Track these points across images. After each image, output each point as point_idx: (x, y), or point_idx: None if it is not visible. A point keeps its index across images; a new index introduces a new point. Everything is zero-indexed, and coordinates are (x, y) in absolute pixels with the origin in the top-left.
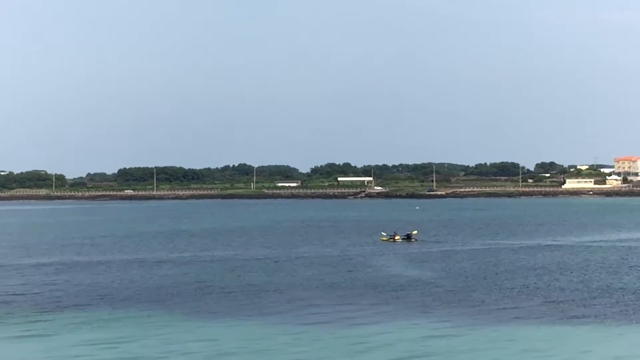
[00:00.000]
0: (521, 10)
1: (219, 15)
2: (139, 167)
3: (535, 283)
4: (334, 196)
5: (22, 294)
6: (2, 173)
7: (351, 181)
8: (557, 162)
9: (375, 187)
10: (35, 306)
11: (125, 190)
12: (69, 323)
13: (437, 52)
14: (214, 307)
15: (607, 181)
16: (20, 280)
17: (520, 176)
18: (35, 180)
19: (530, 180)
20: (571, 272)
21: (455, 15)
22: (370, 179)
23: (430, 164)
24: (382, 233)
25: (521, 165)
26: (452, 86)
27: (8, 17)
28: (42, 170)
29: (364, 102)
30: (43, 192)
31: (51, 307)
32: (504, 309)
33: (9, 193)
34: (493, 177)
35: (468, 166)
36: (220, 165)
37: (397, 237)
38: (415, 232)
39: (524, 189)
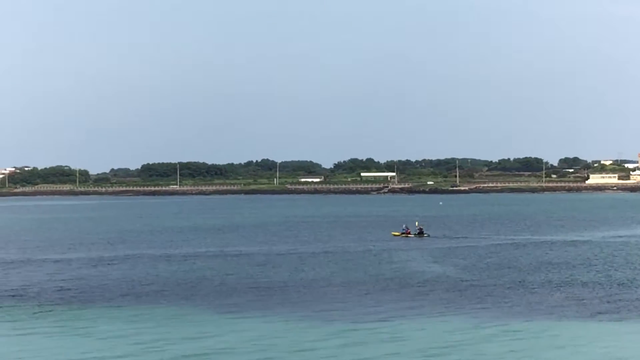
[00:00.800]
0: (548, 7)
1: (243, 10)
2: (162, 163)
3: (559, 278)
4: (357, 191)
5: (52, 288)
6: (26, 169)
7: (374, 176)
8: (581, 157)
9: (397, 183)
10: (62, 300)
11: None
12: (99, 317)
13: (458, 49)
14: (241, 302)
15: (631, 176)
16: (47, 274)
17: (544, 171)
18: (59, 175)
19: (553, 176)
20: (595, 268)
21: (478, 14)
22: (394, 174)
23: (453, 160)
24: (404, 226)
25: (545, 160)
26: (475, 82)
27: (33, 12)
28: (66, 166)
29: (386, 98)
30: (67, 187)
31: (79, 301)
32: (528, 304)
33: (33, 188)
34: (516, 173)
35: (491, 161)
36: (243, 160)
37: (409, 234)
38: (417, 222)
39: (547, 184)
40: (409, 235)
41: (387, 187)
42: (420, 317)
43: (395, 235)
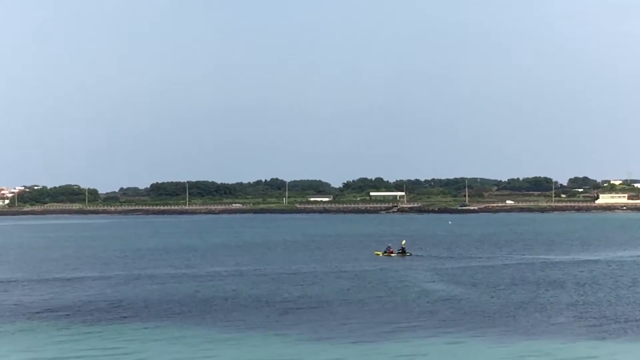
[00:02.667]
0: (559, 26)
1: (252, 29)
2: (171, 182)
3: (568, 298)
4: (366, 211)
5: (69, 307)
6: (36, 187)
7: (383, 196)
8: (591, 177)
9: (406, 203)
10: (78, 317)
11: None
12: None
13: (468, 68)
14: (252, 320)
15: None
16: (67, 292)
17: (553, 191)
18: (69, 194)
19: (563, 195)
20: (605, 287)
21: (489, 33)
22: (403, 193)
23: (463, 179)
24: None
25: (554, 180)
26: (484, 101)
27: (40, 27)
28: (75, 185)
29: (395, 117)
30: (76, 206)
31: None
32: (536, 323)
33: (42, 207)
34: (526, 192)
35: (501, 181)
36: (252, 179)
37: (392, 253)
38: (404, 242)
39: (556, 204)
40: (392, 255)
41: (397, 206)
42: (428, 336)
43: (377, 254)
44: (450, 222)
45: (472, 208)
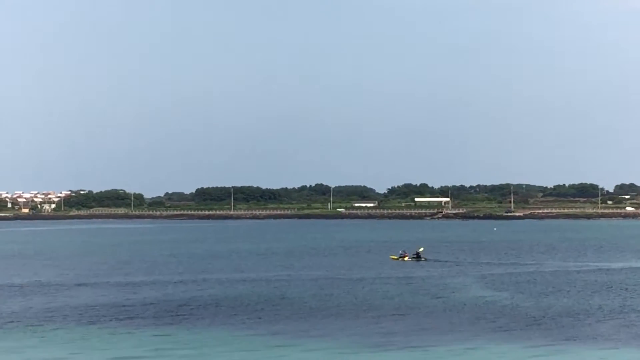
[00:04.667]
0: (604, 31)
1: (295, 37)
2: (216, 187)
3: (612, 304)
4: (411, 217)
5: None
6: (82, 192)
7: (428, 202)
8: (638, 183)
9: (451, 208)
10: (113, 322)
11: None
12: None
13: (514, 72)
14: (302, 326)
15: None
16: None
17: (600, 198)
18: (114, 199)
19: (609, 202)
20: None
21: (530, 37)
22: (448, 199)
23: (508, 185)
24: (400, 251)
25: (600, 186)
26: (530, 108)
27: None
28: (121, 190)
29: (441, 123)
30: (121, 211)
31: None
32: (580, 330)
33: (88, 212)
34: (571, 199)
35: (546, 187)
36: (297, 185)
37: (406, 257)
38: (421, 249)
39: (603, 210)
40: (406, 259)
41: (441, 212)
42: (476, 345)
43: (393, 258)
44: (495, 229)
45: (517, 214)
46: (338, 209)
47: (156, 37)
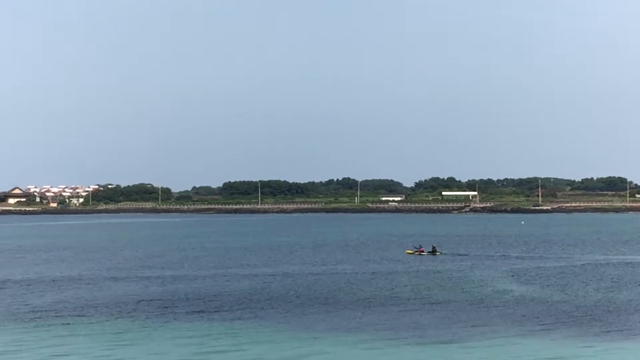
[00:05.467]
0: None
1: (327, 36)
2: (243, 181)
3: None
4: (438, 210)
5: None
6: (110, 186)
7: (455, 196)
8: None
9: (479, 202)
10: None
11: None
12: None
13: (542, 64)
14: (332, 319)
15: None
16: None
17: (628, 191)
18: (142, 193)
19: (638, 196)
20: None
21: (559, 29)
22: (475, 193)
23: (535, 179)
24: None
25: (629, 180)
26: (559, 101)
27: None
28: (149, 184)
29: (468, 117)
30: (149, 205)
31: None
32: (616, 326)
33: (116, 206)
34: (600, 192)
35: (574, 181)
36: (324, 179)
37: (423, 252)
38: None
39: (631, 204)
40: (422, 254)
41: (469, 206)
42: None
43: (409, 253)
44: (523, 222)
45: (545, 208)
46: (368, 204)
47: (186, 35)
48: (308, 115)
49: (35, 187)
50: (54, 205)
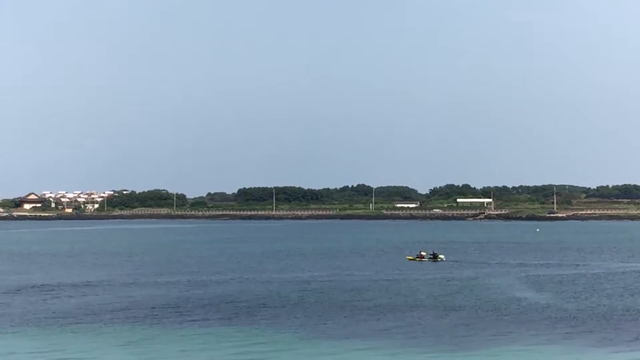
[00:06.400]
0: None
1: (339, 40)
2: (258, 187)
3: None
4: (453, 217)
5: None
6: (125, 192)
7: (470, 202)
8: None
9: (493, 209)
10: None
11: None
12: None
13: (555, 70)
14: (347, 327)
15: None
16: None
17: None
18: (157, 199)
19: None
20: None
21: (571, 35)
22: (490, 200)
23: (550, 186)
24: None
25: None
26: (573, 107)
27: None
28: (164, 190)
29: (482, 124)
30: (164, 211)
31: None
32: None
33: (130, 212)
34: (615, 200)
35: (589, 188)
36: (339, 185)
37: (423, 253)
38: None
39: None
40: (423, 260)
41: (484, 213)
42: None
43: (409, 259)
44: (538, 230)
45: (560, 215)
46: (382, 211)
47: (198, 39)
48: (323, 121)
49: (51, 193)
50: (69, 210)
